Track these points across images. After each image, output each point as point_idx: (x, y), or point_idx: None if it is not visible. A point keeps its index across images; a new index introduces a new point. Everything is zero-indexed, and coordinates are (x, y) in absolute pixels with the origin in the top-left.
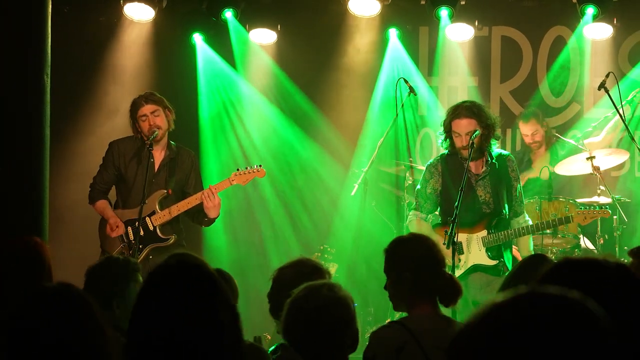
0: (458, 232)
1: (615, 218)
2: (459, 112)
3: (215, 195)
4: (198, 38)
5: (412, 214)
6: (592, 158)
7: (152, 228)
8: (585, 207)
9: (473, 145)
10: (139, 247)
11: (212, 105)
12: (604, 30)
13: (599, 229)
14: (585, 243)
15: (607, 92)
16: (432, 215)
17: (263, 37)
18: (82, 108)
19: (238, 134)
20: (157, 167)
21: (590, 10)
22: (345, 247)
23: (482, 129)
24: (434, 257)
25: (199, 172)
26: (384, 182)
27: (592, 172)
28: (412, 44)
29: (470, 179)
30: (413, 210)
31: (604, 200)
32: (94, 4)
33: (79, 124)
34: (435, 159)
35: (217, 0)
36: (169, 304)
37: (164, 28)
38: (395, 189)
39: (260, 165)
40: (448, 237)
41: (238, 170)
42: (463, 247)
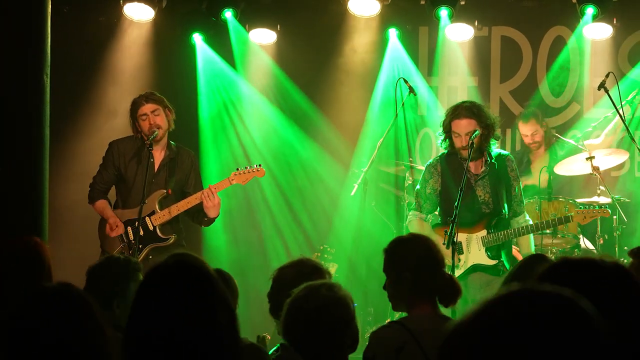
0: (458, 232)
1: (615, 218)
2: (459, 112)
3: (215, 195)
4: (198, 38)
5: (411, 214)
6: (591, 158)
7: (151, 228)
8: (585, 206)
9: (473, 146)
10: (139, 247)
11: (212, 105)
12: (604, 30)
13: (599, 229)
14: (585, 243)
15: (606, 92)
16: (431, 215)
17: (263, 37)
18: (82, 108)
19: (238, 134)
20: (157, 167)
21: (590, 10)
22: (345, 247)
23: (481, 129)
24: (434, 257)
25: (199, 172)
26: (384, 182)
27: (591, 172)
28: (411, 44)
29: (470, 179)
30: (413, 210)
31: (604, 201)
32: (94, 4)
33: (79, 124)
34: (435, 159)
35: (217, 0)
36: (168, 304)
37: (164, 28)
38: (395, 189)
39: (260, 165)
40: (448, 237)
41: (238, 170)
42: (463, 247)
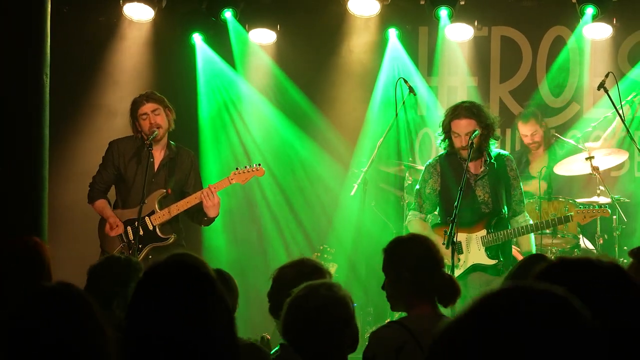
0: (457, 231)
1: (615, 218)
2: (459, 112)
3: (215, 195)
4: (198, 38)
5: (411, 214)
6: (591, 158)
7: (151, 228)
8: (585, 206)
9: (472, 146)
10: (139, 246)
11: (211, 105)
12: (604, 30)
13: (599, 229)
14: (585, 243)
15: (606, 92)
16: (431, 215)
17: (262, 37)
18: (82, 108)
19: (238, 134)
20: (156, 166)
21: (590, 10)
22: (345, 247)
23: (481, 129)
24: (433, 257)
25: (199, 172)
26: (384, 182)
27: (591, 172)
28: (411, 44)
29: (469, 179)
30: (412, 211)
31: (604, 200)
32: (94, 4)
33: (79, 124)
34: (434, 159)
35: (216, 0)
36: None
37: (164, 28)
38: (395, 189)
39: (260, 164)
40: (447, 237)
41: (237, 169)
42: (462, 246)
